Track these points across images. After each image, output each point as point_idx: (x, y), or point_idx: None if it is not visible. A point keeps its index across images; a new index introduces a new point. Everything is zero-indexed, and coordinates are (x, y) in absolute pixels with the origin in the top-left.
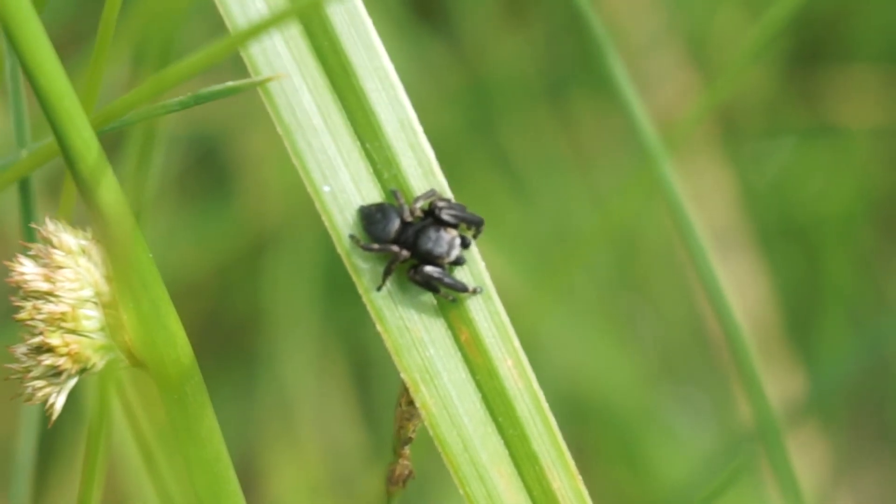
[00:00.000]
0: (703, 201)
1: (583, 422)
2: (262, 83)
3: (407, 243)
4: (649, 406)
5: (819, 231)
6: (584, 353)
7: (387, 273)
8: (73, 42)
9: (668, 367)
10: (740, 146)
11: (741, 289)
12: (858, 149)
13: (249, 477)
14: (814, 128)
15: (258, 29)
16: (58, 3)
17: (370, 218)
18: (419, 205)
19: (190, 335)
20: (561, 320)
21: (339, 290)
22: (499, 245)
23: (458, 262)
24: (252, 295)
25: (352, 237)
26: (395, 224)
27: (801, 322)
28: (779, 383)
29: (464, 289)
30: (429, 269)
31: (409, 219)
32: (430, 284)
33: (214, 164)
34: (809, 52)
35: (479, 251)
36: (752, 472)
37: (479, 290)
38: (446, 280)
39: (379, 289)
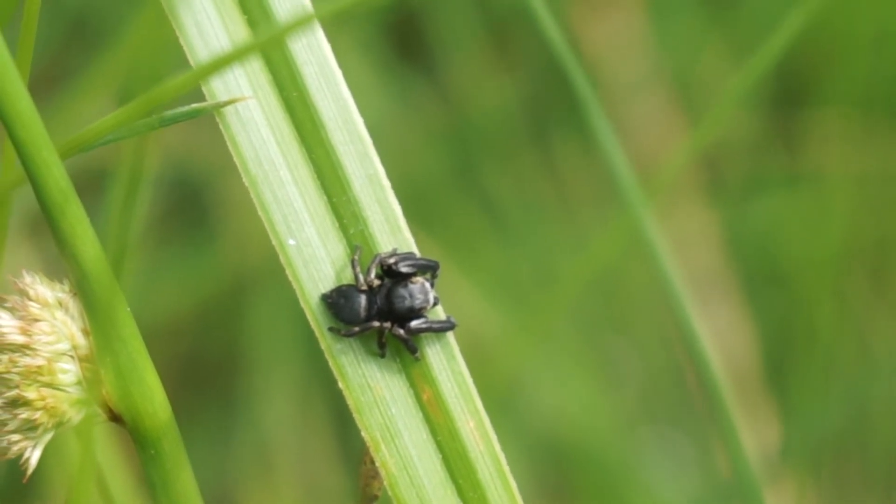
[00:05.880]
0: (687, 246)
1: (563, 464)
2: (222, 106)
3: (382, 312)
4: (630, 449)
5: (802, 277)
6: (565, 394)
7: (382, 346)
8: (46, 81)
9: (650, 410)
10: (724, 191)
11: (723, 334)
12: (842, 195)
13: None
14: (797, 173)
15: (220, 63)
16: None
17: (336, 306)
18: (373, 274)
19: (169, 377)
20: (542, 362)
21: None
22: (481, 287)
23: (436, 303)
24: (232, 336)
25: (330, 330)
26: (362, 301)
27: (782, 369)
28: (759, 430)
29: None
30: (415, 323)
31: (365, 287)
32: (415, 339)
33: (196, 207)
34: (792, 97)
35: (461, 294)
36: None
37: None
38: (435, 326)
39: (383, 356)
